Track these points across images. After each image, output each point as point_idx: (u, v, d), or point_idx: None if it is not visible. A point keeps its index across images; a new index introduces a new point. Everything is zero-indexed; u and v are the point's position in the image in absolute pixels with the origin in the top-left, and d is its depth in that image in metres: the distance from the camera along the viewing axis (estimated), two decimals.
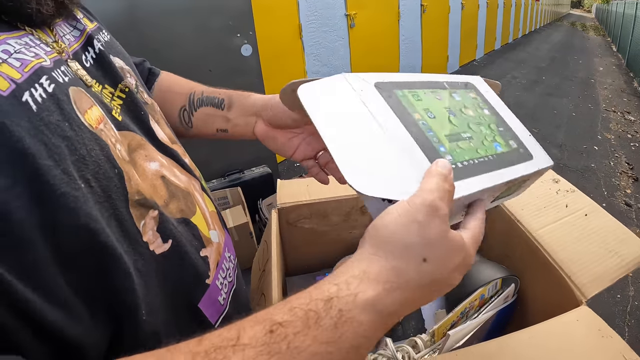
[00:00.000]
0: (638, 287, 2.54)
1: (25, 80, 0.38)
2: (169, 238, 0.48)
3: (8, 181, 0.32)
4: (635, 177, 4.02)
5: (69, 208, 0.36)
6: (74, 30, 0.54)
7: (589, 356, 0.55)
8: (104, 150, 0.43)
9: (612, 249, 0.72)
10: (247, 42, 2.70)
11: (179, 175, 0.58)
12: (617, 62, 10.99)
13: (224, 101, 0.75)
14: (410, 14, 5.86)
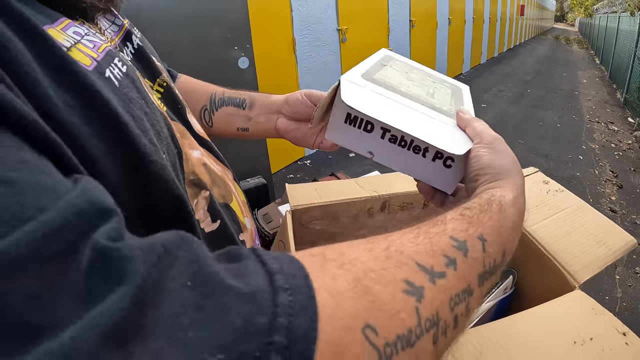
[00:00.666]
0: (625, 288, 2.63)
1: (102, 59, 0.40)
2: (218, 218, 0.51)
3: (105, 146, 0.34)
4: (620, 184, 4.15)
5: (158, 175, 0.38)
6: (113, 25, 0.56)
7: (585, 330, 0.62)
8: (170, 130, 0.46)
9: (600, 240, 0.80)
10: (244, 55, 2.76)
11: (216, 165, 0.61)
12: (601, 75, 11.24)
13: (245, 101, 0.80)
14: (399, 29, 5.99)
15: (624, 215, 3.52)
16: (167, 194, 0.40)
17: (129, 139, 0.36)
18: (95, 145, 0.33)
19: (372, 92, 0.55)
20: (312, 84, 4.36)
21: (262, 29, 3.44)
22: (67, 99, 0.32)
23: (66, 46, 0.36)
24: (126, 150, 0.36)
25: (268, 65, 3.57)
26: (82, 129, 0.32)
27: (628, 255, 2.85)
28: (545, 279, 0.80)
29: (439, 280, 0.33)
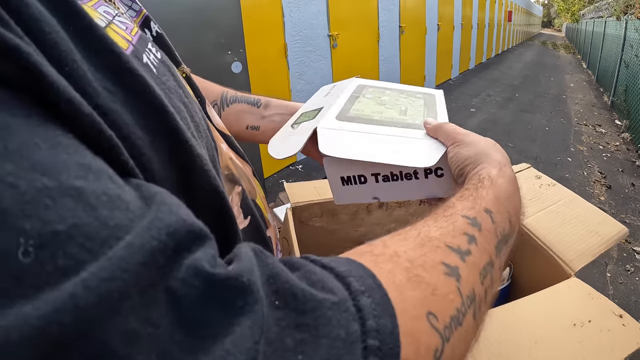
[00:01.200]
0: (616, 286, 2.68)
1: (137, 42, 0.37)
2: (249, 214, 0.49)
3: (149, 137, 0.31)
4: (608, 185, 4.21)
5: (202, 169, 0.35)
6: (130, 10, 0.52)
7: (583, 313, 0.64)
8: (205, 121, 0.43)
9: (593, 230, 0.82)
10: (237, 59, 2.78)
11: (237, 161, 0.58)
12: (587, 78, 11.39)
13: (260, 101, 0.77)
14: (389, 35, 6.05)
15: (613, 215, 3.52)
16: (211, 191, 0.37)
17: (175, 130, 0.33)
18: (140, 137, 0.29)
19: (348, 134, 0.58)
20: (304, 89, 4.38)
21: (255, 34, 3.46)
22: (107, 85, 0.29)
23: (101, 25, 0.32)
24: (172, 143, 0.33)
25: (260, 70, 3.59)
26: (125, 118, 0.29)
27: (619, 253, 2.91)
28: (541, 269, 0.82)
29: (467, 257, 0.35)
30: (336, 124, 0.60)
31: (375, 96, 0.71)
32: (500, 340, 0.59)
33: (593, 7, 17.01)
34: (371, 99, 0.70)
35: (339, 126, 0.59)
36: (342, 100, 0.68)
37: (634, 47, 6.50)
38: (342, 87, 0.74)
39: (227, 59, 2.77)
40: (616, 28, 8.44)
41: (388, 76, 6.21)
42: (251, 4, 3.42)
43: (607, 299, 0.68)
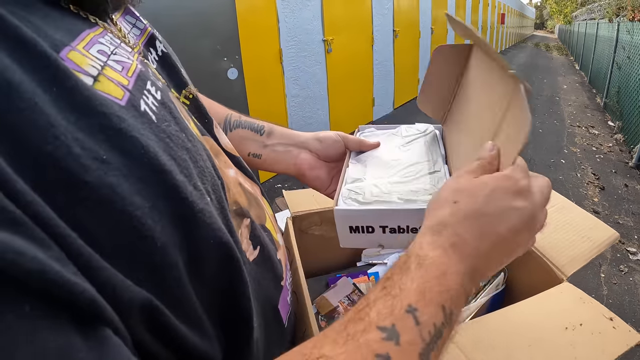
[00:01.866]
0: (610, 286, 2.71)
1: (134, 86, 0.35)
2: (258, 245, 0.48)
3: (148, 202, 0.30)
4: (602, 186, 4.25)
5: (206, 224, 0.35)
6: (134, 29, 0.50)
7: (575, 317, 0.66)
8: (210, 160, 0.42)
9: (585, 235, 0.84)
10: (233, 66, 2.80)
11: (246, 183, 0.57)
12: (580, 80, 11.43)
13: (264, 127, 0.75)
14: (383, 39, 6.08)
15: (606, 216, 3.61)
16: (216, 244, 0.36)
17: (175, 189, 0.32)
18: (138, 206, 0.29)
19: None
20: (299, 94, 4.41)
21: (250, 41, 3.48)
22: (99, 153, 0.28)
23: (93, 75, 0.31)
24: (172, 203, 0.32)
25: (256, 76, 3.61)
26: (122, 188, 0.28)
27: (612, 254, 2.94)
28: (534, 275, 0.84)
29: None
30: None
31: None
32: (495, 345, 0.61)
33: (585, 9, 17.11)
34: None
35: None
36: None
37: (626, 48, 6.55)
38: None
39: (223, 65, 2.78)
40: (608, 30, 8.51)
41: (382, 81, 6.24)
42: (247, 10, 3.44)
43: (598, 303, 0.70)
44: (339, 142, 0.75)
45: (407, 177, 0.67)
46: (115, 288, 0.27)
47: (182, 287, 0.33)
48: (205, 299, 0.36)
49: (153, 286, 0.30)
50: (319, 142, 0.75)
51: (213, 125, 0.55)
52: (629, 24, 6.34)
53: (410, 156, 0.73)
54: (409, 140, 0.78)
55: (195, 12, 2.58)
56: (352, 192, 0.64)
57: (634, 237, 3.28)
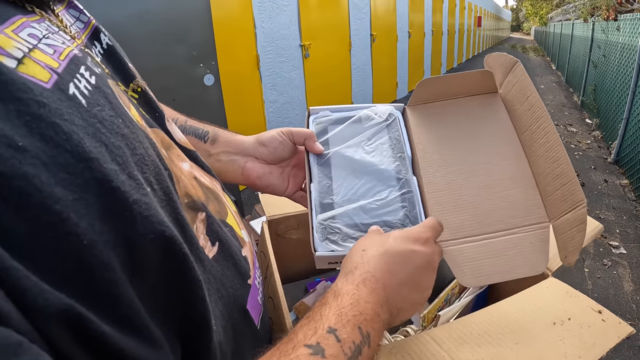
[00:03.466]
0: (595, 280, 2.72)
1: (64, 69, 0.32)
2: (216, 240, 0.46)
3: (72, 194, 0.27)
4: (582, 182, 4.28)
5: (143, 216, 0.32)
6: (78, 22, 0.48)
7: (562, 311, 0.64)
8: (155, 149, 0.39)
9: None
10: (209, 72, 2.76)
11: (205, 177, 0.54)
12: (557, 80, 11.61)
13: (208, 134, 0.72)
14: (360, 43, 6.09)
15: (588, 212, 3.55)
16: (156, 238, 0.33)
17: (102, 180, 0.29)
18: (58, 199, 0.26)
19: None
20: (277, 99, 4.38)
21: (227, 46, 3.45)
22: (16, 139, 0.25)
23: (17, 57, 0.29)
24: (101, 195, 0.29)
25: (233, 82, 3.58)
26: (39, 179, 0.25)
27: (595, 248, 2.95)
28: None
29: None
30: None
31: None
32: (481, 343, 0.58)
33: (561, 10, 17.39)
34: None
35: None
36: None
37: (601, 47, 6.65)
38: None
39: (199, 71, 2.74)
40: (584, 30, 8.64)
41: (361, 85, 6.24)
42: (223, 16, 3.41)
43: (585, 296, 0.68)
44: (284, 141, 0.71)
45: (379, 201, 0.66)
46: (25, 293, 0.23)
47: (117, 289, 0.30)
48: (151, 301, 0.33)
49: (79, 290, 0.27)
50: (263, 147, 0.72)
51: (165, 118, 0.53)
52: (604, 23, 6.43)
53: (377, 163, 0.70)
54: (372, 135, 0.74)
55: (170, 19, 2.54)
56: (327, 229, 0.64)
57: (616, 231, 3.30)
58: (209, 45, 2.75)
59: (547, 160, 0.63)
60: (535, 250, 0.60)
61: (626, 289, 2.65)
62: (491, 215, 0.63)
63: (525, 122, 0.69)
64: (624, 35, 5.26)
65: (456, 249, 0.62)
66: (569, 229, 0.57)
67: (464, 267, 0.60)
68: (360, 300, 0.45)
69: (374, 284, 0.48)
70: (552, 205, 0.62)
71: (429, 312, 0.81)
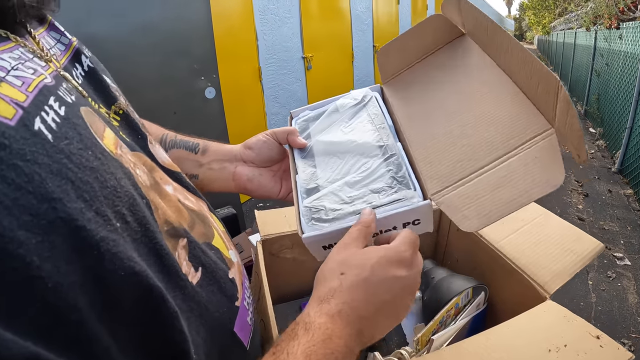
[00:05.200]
0: (599, 293, 2.68)
1: (31, 102, 0.31)
2: (199, 265, 0.45)
3: (36, 237, 0.26)
4: (585, 193, 4.26)
5: (111, 254, 0.31)
6: (58, 44, 0.48)
7: (559, 338, 0.62)
8: (130, 178, 0.38)
9: (568, 248, 0.80)
10: (210, 85, 2.76)
11: (190, 198, 0.54)
12: None
13: (198, 145, 0.73)
14: (363, 55, 6.10)
15: (591, 222, 3.60)
16: (127, 275, 0.32)
17: (67, 219, 0.28)
18: (21, 243, 0.25)
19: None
20: (279, 111, 4.38)
21: (228, 59, 3.46)
22: None
23: None
24: (65, 235, 0.28)
25: (234, 95, 3.58)
26: (2, 223, 0.25)
27: (599, 260, 2.91)
28: (516, 293, 0.80)
29: None
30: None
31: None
32: None
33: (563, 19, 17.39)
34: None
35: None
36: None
37: (604, 56, 6.63)
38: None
39: (200, 84, 2.75)
40: (586, 38, 8.62)
41: None
42: (224, 29, 3.42)
43: (583, 321, 0.66)
44: (269, 141, 0.73)
45: (363, 172, 0.62)
46: None
47: (86, 330, 0.28)
48: (124, 337, 0.32)
49: (46, 335, 0.26)
50: (250, 150, 0.73)
51: (147, 141, 0.52)
52: (606, 32, 6.42)
53: (357, 139, 0.68)
54: (350, 117, 0.74)
55: (172, 32, 2.55)
56: (312, 209, 0.60)
57: (620, 242, 3.27)
58: (210, 58, 2.76)
59: (520, 68, 0.59)
60: (544, 162, 0.52)
61: (631, 301, 2.61)
62: (484, 147, 0.58)
63: (491, 47, 0.67)
64: (626, 43, 5.24)
65: (452, 194, 0.56)
66: (565, 120, 0.50)
67: (465, 211, 0.53)
68: (333, 336, 0.42)
69: (351, 315, 0.45)
70: (543, 106, 0.56)
71: (424, 334, 0.79)
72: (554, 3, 22.25)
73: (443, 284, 0.88)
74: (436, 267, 0.97)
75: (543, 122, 0.55)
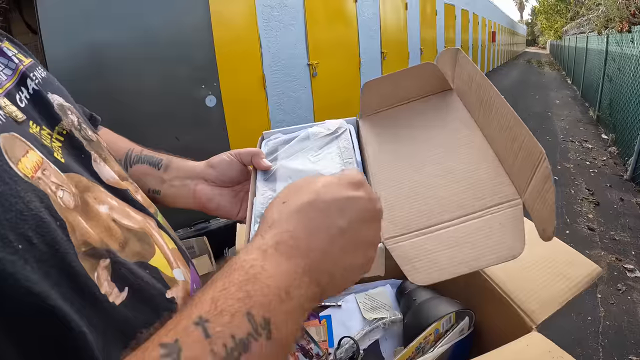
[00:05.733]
0: (608, 307, 2.60)
1: None
2: (125, 285, 0.44)
3: None
4: (596, 201, 4.16)
5: (7, 274, 0.32)
6: (6, 69, 0.50)
7: None
8: (43, 201, 0.39)
9: (560, 272, 0.75)
10: (211, 93, 2.75)
11: (133, 216, 0.54)
12: (573, 94, 11.48)
13: (162, 161, 0.74)
14: (370, 61, 6.05)
15: (602, 233, 3.51)
16: (24, 294, 0.32)
17: None
18: None
19: None
20: (284, 119, 4.35)
21: (231, 67, 3.44)
22: None
23: None
24: None
25: (237, 103, 3.55)
26: None
27: (609, 272, 2.84)
28: (502, 320, 0.75)
29: None
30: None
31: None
32: None
33: (575, 23, 17.27)
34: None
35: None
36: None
37: (616, 60, 6.55)
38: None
39: (201, 93, 2.74)
40: (598, 43, 8.54)
41: None
42: (226, 36, 3.40)
43: (570, 357, 0.60)
44: (233, 162, 0.73)
45: None
46: None
47: None
48: (29, 356, 0.33)
49: None
50: (212, 169, 0.73)
51: (91, 159, 0.54)
52: (618, 36, 6.33)
53: (322, 169, 0.66)
54: (320, 146, 0.72)
55: (171, 41, 2.56)
56: None
57: (631, 253, 3.17)
58: (211, 66, 2.76)
59: (502, 131, 0.56)
60: (508, 231, 0.50)
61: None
62: (449, 202, 0.55)
63: (476, 105, 0.65)
64: (638, 47, 5.16)
65: (407, 243, 0.53)
66: (538, 194, 0.48)
67: (416, 263, 0.50)
68: (259, 275, 0.36)
69: (293, 247, 0.39)
70: (517, 175, 0.54)
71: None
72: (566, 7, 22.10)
73: (424, 307, 0.83)
74: (420, 288, 0.91)
75: (513, 190, 0.54)
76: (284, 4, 4.23)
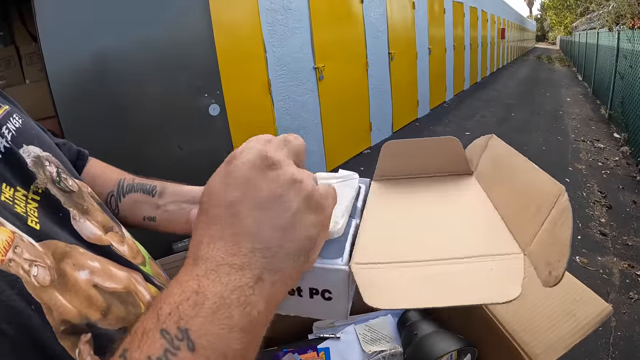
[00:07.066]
0: (619, 316, 2.54)
1: None
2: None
3: None
4: (609, 205, 4.08)
5: None
6: None
7: None
8: (15, 286, 0.38)
9: (569, 311, 0.71)
10: (214, 101, 2.72)
11: (116, 274, 0.52)
12: (584, 91, 11.35)
13: (155, 188, 0.74)
14: (378, 62, 6.02)
15: (614, 238, 3.43)
16: None
17: None
18: None
19: None
20: (291, 124, 4.33)
21: (235, 74, 3.42)
22: None
23: None
24: None
25: (242, 110, 3.53)
26: None
27: (621, 280, 2.78)
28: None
29: None
30: None
31: None
32: None
33: (585, 18, 17.07)
34: None
35: None
36: None
37: (627, 57, 6.44)
38: None
39: (204, 101, 2.71)
40: (609, 39, 8.42)
41: (379, 105, 6.16)
42: (229, 42, 3.38)
43: None
44: None
45: None
46: None
47: None
48: None
49: None
50: None
51: (70, 217, 0.51)
52: (629, 32, 6.23)
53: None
54: (326, 178, 0.68)
55: (171, 50, 2.54)
56: None
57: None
58: (213, 74, 2.74)
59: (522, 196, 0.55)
60: (496, 277, 0.45)
61: None
62: (441, 246, 0.52)
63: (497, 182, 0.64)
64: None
65: (374, 270, 0.47)
66: (551, 231, 0.44)
67: (383, 289, 0.44)
68: (174, 288, 0.32)
69: (196, 239, 0.37)
70: (525, 225, 0.50)
71: None
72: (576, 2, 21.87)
73: (426, 342, 0.79)
74: (422, 320, 0.87)
75: (514, 245, 0.51)
76: (289, 7, 4.20)
